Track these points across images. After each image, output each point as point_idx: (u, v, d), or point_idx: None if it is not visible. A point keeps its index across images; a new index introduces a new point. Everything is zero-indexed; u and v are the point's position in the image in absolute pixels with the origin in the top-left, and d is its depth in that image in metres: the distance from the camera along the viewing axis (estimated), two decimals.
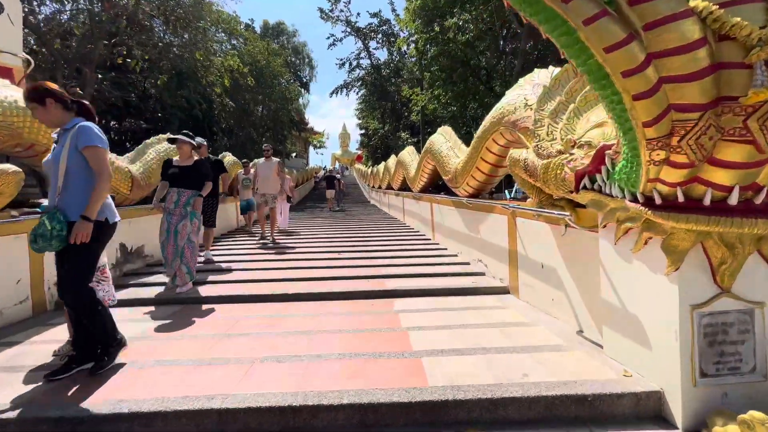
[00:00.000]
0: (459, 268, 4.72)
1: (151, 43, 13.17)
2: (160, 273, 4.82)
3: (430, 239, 7.16)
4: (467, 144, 5.20)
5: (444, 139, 6.02)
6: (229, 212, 9.03)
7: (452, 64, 12.22)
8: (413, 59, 15.87)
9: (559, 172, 2.35)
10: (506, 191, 8.41)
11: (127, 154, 5.40)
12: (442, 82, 12.44)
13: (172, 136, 4.41)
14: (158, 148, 5.93)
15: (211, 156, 6.00)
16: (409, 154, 9.51)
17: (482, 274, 4.40)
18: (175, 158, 4.34)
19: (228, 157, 9.55)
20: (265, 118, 24.53)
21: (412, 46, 14.35)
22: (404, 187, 11.10)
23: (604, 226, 2.05)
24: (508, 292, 3.78)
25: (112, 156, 4.87)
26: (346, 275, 4.60)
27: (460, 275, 4.39)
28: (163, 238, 4.01)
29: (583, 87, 2.38)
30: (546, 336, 2.64)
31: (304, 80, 38.77)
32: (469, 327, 2.87)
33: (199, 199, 4.10)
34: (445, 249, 6.04)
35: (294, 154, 42.99)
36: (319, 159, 79.66)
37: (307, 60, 39.48)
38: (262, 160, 6.96)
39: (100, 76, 11.52)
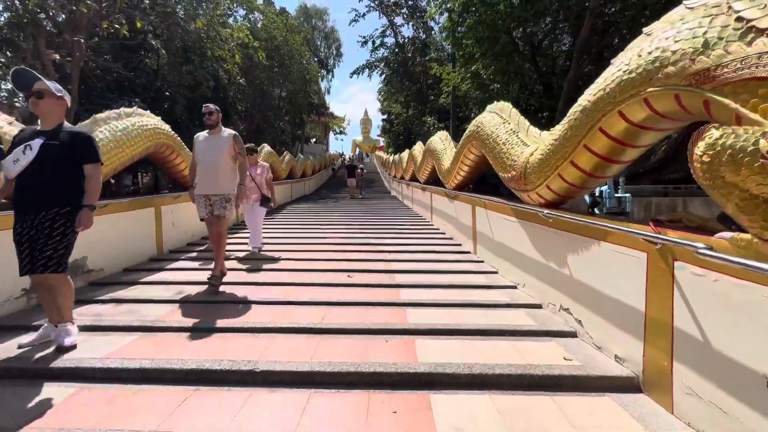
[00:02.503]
0: (525, 319, 3.06)
1: (155, 9, 11.77)
2: (113, 294, 3.42)
3: (469, 251, 5.49)
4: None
5: (500, 120, 4.29)
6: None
7: (494, 33, 10.24)
8: (443, 34, 13.84)
9: None
10: (587, 196, 6.45)
11: None
12: (481, 55, 10.49)
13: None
14: (115, 126, 4.47)
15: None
16: (441, 140, 7.78)
17: (573, 335, 2.74)
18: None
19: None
20: (283, 101, 23.06)
21: (445, 15, 12.34)
22: (432, 180, 9.40)
23: None
24: (641, 390, 2.12)
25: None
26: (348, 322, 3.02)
27: (532, 335, 2.75)
28: None
29: None
30: None
31: (328, 65, 37.08)
32: None
33: None
34: (495, 271, 4.38)
35: (314, 140, 41.66)
36: (339, 145, 78.39)
37: (336, 44, 37.66)
38: (203, 134, 3.83)
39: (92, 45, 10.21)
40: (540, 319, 3.01)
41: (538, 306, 3.30)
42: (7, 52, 11.79)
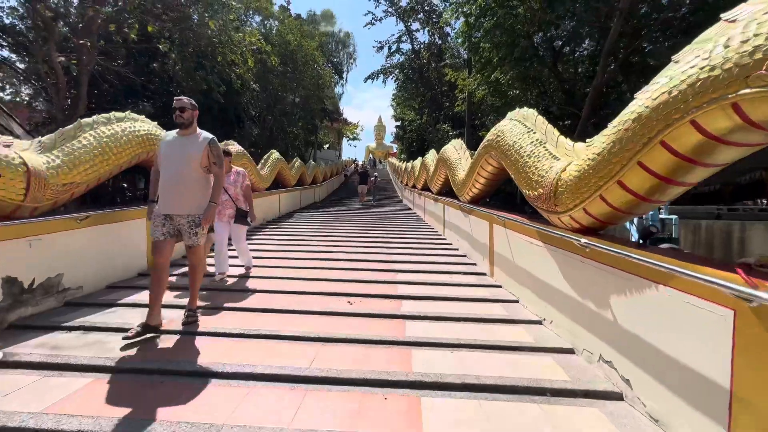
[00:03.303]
0: (556, 370, 2.53)
1: (168, 14, 11.69)
2: (85, 318, 3.03)
3: (484, 273, 4.96)
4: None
5: (524, 129, 3.78)
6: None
7: (513, 38, 9.74)
8: (459, 39, 13.39)
9: None
10: (631, 225, 5.47)
11: (41, 138, 3.62)
12: (499, 60, 9.99)
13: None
14: (102, 132, 4.13)
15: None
16: (455, 149, 7.28)
17: (619, 397, 2.20)
18: None
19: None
20: (297, 106, 22.93)
21: (462, 20, 11.90)
22: (446, 191, 8.90)
23: None
24: None
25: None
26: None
27: (567, 395, 2.22)
28: None
29: None
30: None
31: (342, 70, 37.01)
32: None
33: None
34: (515, 300, 3.85)
35: (327, 146, 41.57)
36: (353, 151, 78.52)
37: (352, 50, 37.59)
38: (170, 134, 3.04)
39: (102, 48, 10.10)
40: (575, 371, 2.47)
41: (570, 351, 2.76)
42: (25, 57, 11.90)
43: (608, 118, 2.47)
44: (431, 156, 10.40)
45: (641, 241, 2.42)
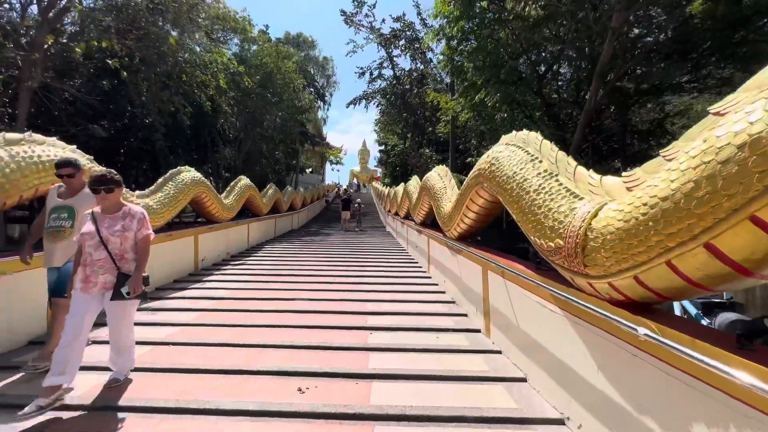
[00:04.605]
0: None
1: (134, 32, 10.90)
2: None
3: (478, 330, 4.04)
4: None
5: (526, 156, 2.98)
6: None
7: (496, 59, 9.29)
8: (441, 62, 13.03)
9: None
10: (679, 305, 4.70)
11: None
12: (484, 82, 9.49)
13: None
14: None
15: None
16: (440, 177, 6.50)
17: None
18: None
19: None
20: (276, 129, 22.15)
21: (443, 43, 11.52)
22: (429, 221, 8.07)
23: None
24: None
25: None
26: None
27: None
28: None
29: None
30: None
31: (323, 94, 36.77)
32: None
33: None
34: (522, 378, 2.92)
35: (309, 170, 40.74)
36: (336, 176, 78.20)
37: (332, 73, 37.49)
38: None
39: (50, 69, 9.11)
40: None
41: None
42: None
43: (605, 142, 1.66)
44: (414, 183, 9.62)
45: (740, 341, 1.59)
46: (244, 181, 10.30)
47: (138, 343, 3.00)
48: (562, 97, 11.89)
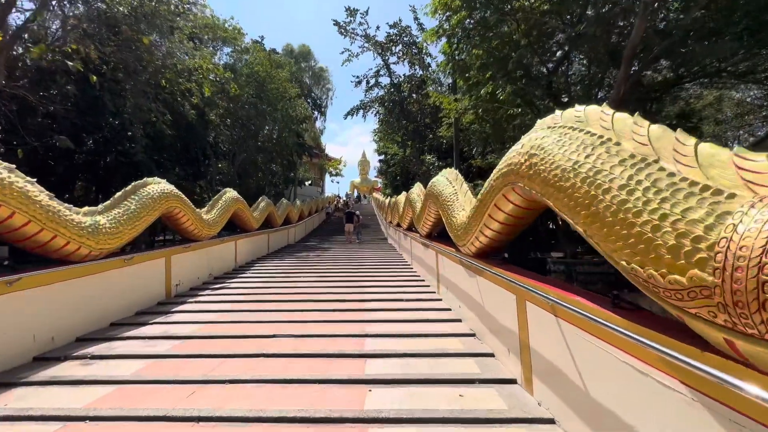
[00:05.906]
0: None
1: (113, 38, 10.14)
2: None
3: (514, 381, 3.00)
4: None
5: (592, 139, 2.00)
6: None
7: (502, 52, 8.42)
8: (443, 60, 12.20)
9: None
10: None
11: None
12: (489, 77, 8.62)
13: None
14: None
15: None
16: (449, 182, 5.52)
17: None
18: None
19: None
20: (271, 141, 21.33)
21: (443, 41, 10.70)
22: (436, 233, 7.08)
23: None
24: None
25: None
26: None
27: None
28: None
29: None
30: None
31: (320, 105, 36.17)
32: None
33: None
34: (553, 421, 1.89)
35: (308, 182, 39.88)
36: (336, 187, 77.56)
37: (326, 84, 36.99)
38: None
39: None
40: None
41: None
42: None
43: None
44: (417, 190, 8.64)
45: None
46: (229, 194, 9.35)
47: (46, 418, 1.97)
48: (573, 95, 11.01)
